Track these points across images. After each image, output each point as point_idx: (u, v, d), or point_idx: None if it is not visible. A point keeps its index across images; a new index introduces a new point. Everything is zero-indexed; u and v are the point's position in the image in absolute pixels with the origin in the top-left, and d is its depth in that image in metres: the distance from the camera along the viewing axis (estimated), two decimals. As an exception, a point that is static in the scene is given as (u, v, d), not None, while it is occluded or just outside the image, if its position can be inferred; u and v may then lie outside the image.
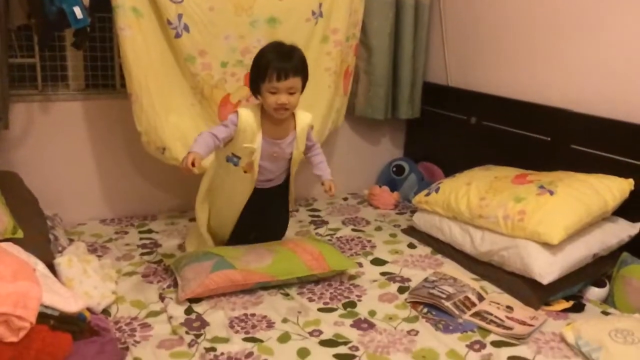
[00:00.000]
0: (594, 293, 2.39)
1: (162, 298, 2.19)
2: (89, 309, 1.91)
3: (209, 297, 2.17)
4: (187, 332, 1.98)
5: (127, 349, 1.86)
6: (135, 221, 2.91)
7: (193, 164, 2.04)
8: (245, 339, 1.94)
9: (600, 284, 2.41)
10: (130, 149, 2.93)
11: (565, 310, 2.25)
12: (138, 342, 1.91)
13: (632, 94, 2.49)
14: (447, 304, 2.19)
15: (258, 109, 2.25)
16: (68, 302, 1.68)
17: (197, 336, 1.96)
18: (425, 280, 2.38)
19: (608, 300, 2.38)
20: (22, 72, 2.72)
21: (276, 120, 2.25)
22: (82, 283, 2.02)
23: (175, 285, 2.26)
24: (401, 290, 2.36)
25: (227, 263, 2.22)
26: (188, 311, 2.10)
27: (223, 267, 2.20)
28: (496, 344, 1.99)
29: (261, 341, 1.94)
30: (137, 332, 1.97)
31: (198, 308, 2.12)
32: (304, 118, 2.33)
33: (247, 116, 2.22)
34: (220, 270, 2.18)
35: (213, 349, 1.89)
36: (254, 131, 2.23)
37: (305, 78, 2.24)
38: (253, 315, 2.10)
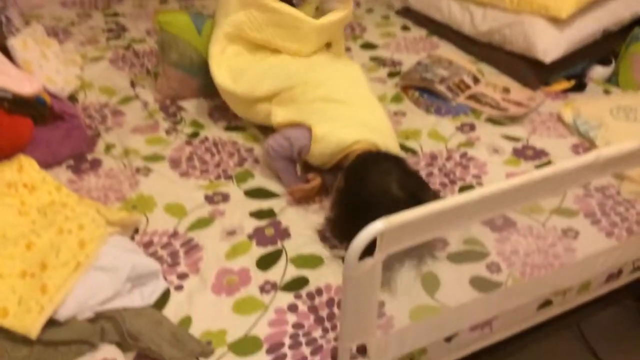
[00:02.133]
0: (598, 72, 2.23)
1: (133, 85, 2.03)
2: (53, 95, 1.76)
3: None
4: (164, 119, 1.85)
5: (98, 135, 1.75)
6: (99, 3, 2.62)
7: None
8: (228, 128, 1.83)
9: (605, 62, 2.24)
10: None
11: (565, 91, 2.12)
12: (110, 129, 1.79)
13: None
14: (440, 87, 2.05)
15: None
16: (21, 84, 1.52)
17: (176, 123, 1.84)
18: (418, 63, 2.20)
19: (612, 80, 2.24)
20: None
21: None
22: (42, 67, 1.84)
23: (148, 72, 2.09)
24: (391, 75, 2.20)
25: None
26: (164, 99, 1.96)
27: (212, 89, 1.96)
28: (488, 125, 1.89)
29: (243, 129, 1.82)
30: (109, 118, 1.85)
31: (175, 98, 1.97)
32: None
33: None
34: (206, 90, 1.97)
35: (195, 134, 1.79)
36: None
37: None
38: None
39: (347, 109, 1.58)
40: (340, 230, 1.35)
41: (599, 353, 1.87)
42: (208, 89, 1.88)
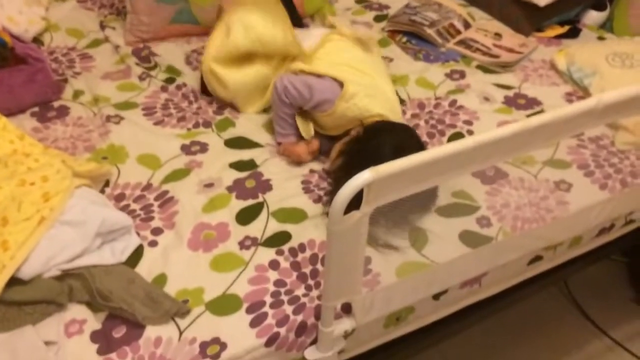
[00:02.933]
0: (592, 17, 2.14)
1: (103, 27, 1.90)
2: (15, 37, 1.63)
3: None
4: (137, 64, 1.74)
5: (65, 81, 1.64)
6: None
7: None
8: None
9: (600, 7, 2.15)
10: None
11: (558, 37, 2.03)
12: (78, 74, 1.68)
13: None
14: (430, 31, 1.94)
15: None
16: (-23, 23, 1.39)
17: (149, 68, 1.72)
18: (407, 6, 2.09)
19: (606, 25, 2.16)
20: None
21: None
22: (2, 6, 1.70)
23: (119, 13, 1.95)
24: (378, 18, 2.08)
25: (191, 15, 1.86)
26: (136, 42, 1.83)
27: (185, 20, 1.85)
28: (479, 72, 1.81)
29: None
30: (77, 63, 1.72)
31: (147, 41, 1.85)
32: None
33: None
34: (180, 24, 1.85)
35: (171, 80, 1.68)
36: None
37: None
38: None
39: (372, 81, 1.46)
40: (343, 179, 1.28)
41: (586, 309, 1.86)
42: (184, 16, 1.76)
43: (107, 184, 1.32)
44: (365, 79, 1.44)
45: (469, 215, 1.31)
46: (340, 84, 1.40)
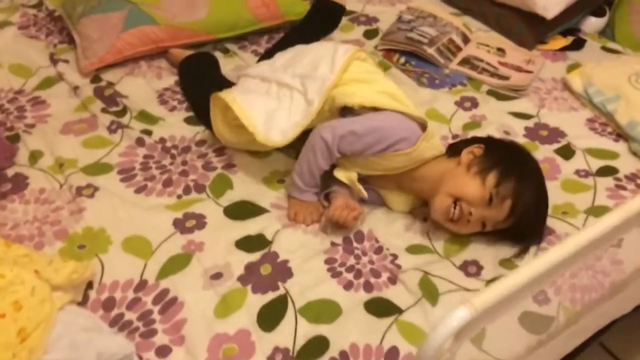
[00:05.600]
0: (591, 24, 2.00)
1: (54, 60, 1.60)
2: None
3: (124, 61, 1.61)
4: (103, 110, 1.46)
5: (17, 138, 1.35)
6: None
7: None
8: (188, 119, 1.46)
9: (599, 13, 2.02)
10: None
11: (563, 49, 1.88)
12: (32, 127, 1.39)
13: None
14: (430, 50, 1.75)
15: None
16: None
17: (118, 114, 1.45)
18: (399, 20, 1.88)
19: (606, 32, 2.03)
20: None
21: None
22: None
23: (72, 41, 1.66)
24: (369, 34, 1.87)
25: (145, 15, 1.60)
26: (95, 79, 1.55)
27: (140, 22, 1.59)
28: (491, 99, 1.63)
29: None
30: (28, 111, 1.44)
31: (108, 75, 1.57)
32: None
33: None
34: (136, 27, 1.58)
35: (148, 132, 1.41)
36: None
37: None
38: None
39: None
40: None
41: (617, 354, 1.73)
42: (137, 19, 1.56)
43: (90, 284, 1.06)
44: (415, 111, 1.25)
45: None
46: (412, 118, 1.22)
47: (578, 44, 1.89)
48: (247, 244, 1.17)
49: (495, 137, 1.28)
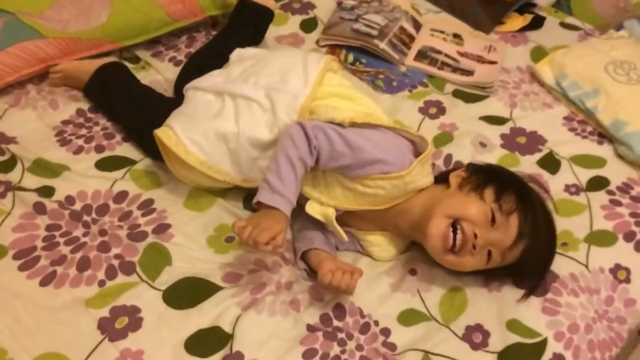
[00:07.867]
0: (543, -4, 1.82)
1: None
2: None
3: (5, 88, 1.27)
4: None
5: None
6: None
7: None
8: (100, 163, 1.16)
9: (553, -15, 1.84)
10: None
11: (522, 30, 1.68)
12: None
13: None
14: (383, 44, 1.50)
15: None
16: None
17: (5, 168, 1.12)
18: (341, 6, 1.61)
19: (561, 3, 1.86)
20: None
21: None
22: None
23: None
24: (306, 27, 1.59)
25: (25, 27, 1.24)
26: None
27: (21, 37, 1.23)
28: (458, 102, 1.42)
29: (131, 162, 1.17)
30: None
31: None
32: None
33: None
34: (15, 44, 1.22)
35: (48, 189, 1.09)
36: None
37: None
38: (94, 109, 1.27)
39: None
40: None
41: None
42: (16, 32, 1.25)
43: None
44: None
45: (539, 357, 0.96)
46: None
47: (538, 22, 1.71)
48: (200, 343, 0.91)
49: (476, 163, 1.09)
